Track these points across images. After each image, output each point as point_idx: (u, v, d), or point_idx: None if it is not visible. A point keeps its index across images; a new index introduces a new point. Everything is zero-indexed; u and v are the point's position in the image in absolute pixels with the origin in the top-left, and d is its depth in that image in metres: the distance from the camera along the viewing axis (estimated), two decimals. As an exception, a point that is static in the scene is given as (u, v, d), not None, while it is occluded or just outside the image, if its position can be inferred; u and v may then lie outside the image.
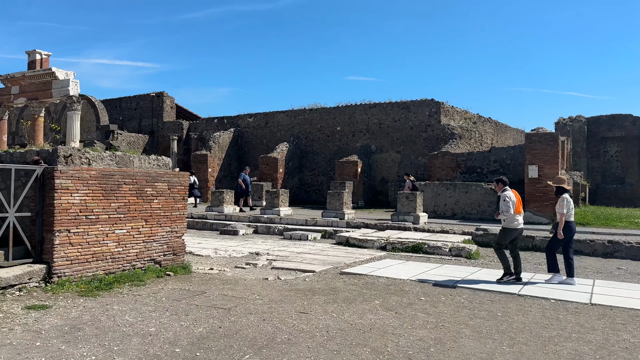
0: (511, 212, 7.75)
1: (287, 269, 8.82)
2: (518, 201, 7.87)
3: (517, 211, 7.81)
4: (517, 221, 7.87)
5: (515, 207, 7.78)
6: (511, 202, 7.76)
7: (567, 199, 7.84)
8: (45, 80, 21.10)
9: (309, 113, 27.36)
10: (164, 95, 33.69)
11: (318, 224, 15.26)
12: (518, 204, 7.86)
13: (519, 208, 7.85)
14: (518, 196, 7.95)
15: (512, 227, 7.89)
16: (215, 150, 27.66)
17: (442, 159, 21.52)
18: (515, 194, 7.93)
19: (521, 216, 7.92)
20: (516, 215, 7.81)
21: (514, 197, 7.85)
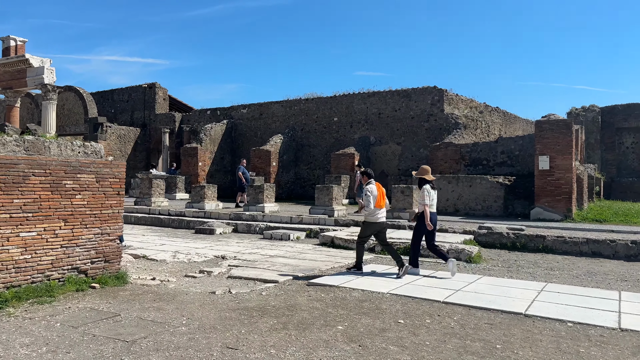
0: (371, 207, 7.64)
1: (246, 279, 7.32)
2: (380, 195, 7.80)
3: (378, 205, 7.72)
4: (377, 215, 7.76)
5: (377, 201, 7.69)
6: (372, 196, 7.66)
7: (428, 190, 7.80)
8: (20, 68, 19.81)
9: (304, 103, 25.81)
10: (156, 86, 32.29)
11: (304, 221, 13.74)
12: (380, 198, 7.77)
13: (381, 202, 7.78)
14: (382, 190, 7.89)
15: (372, 220, 7.77)
16: (207, 143, 26.22)
17: (445, 151, 19.88)
18: (379, 187, 7.87)
19: (382, 210, 7.86)
20: (377, 209, 7.72)
21: (376, 190, 7.77)
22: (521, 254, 10.55)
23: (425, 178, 8.01)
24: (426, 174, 8.06)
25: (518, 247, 11.07)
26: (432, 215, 7.89)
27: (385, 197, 7.94)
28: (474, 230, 11.72)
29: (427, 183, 7.97)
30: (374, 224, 7.84)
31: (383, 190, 7.97)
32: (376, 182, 8.00)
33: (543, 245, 10.96)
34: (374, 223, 7.84)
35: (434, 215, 7.93)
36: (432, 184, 8.03)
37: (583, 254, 10.50)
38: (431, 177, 8.09)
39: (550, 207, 14.76)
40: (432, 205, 7.86)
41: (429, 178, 8.03)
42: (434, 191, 7.99)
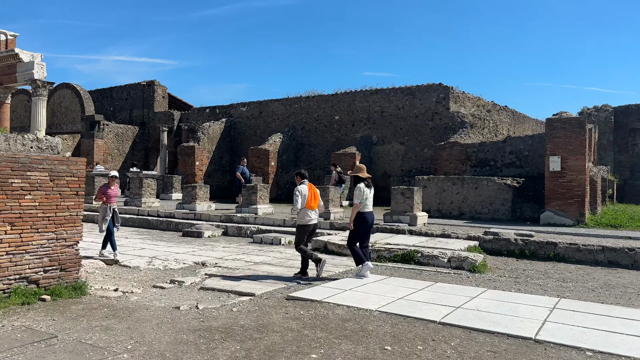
0: (299, 207, 7.44)
1: (220, 290, 6.52)
2: (312, 196, 7.58)
3: (308, 206, 7.50)
4: (308, 216, 7.55)
5: (307, 202, 7.46)
6: (301, 196, 7.45)
7: (361, 189, 7.56)
8: (10, 64, 19.09)
9: (305, 101, 25.01)
10: (155, 84, 31.64)
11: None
12: (311, 199, 7.55)
13: (311, 203, 7.55)
14: (314, 191, 7.69)
15: (304, 223, 7.56)
16: (204, 142, 25.49)
17: (450, 151, 19.01)
18: (312, 188, 7.65)
19: (314, 212, 7.64)
20: (308, 210, 7.51)
21: (307, 191, 7.53)
22: (530, 263, 9.69)
23: (360, 176, 7.73)
24: (360, 172, 7.79)
25: (527, 255, 10.20)
26: (369, 215, 7.62)
27: (317, 199, 7.73)
28: (479, 236, 10.85)
29: (362, 181, 7.68)
30: (306, 226, 7.61)
31: (316, 192, 7.80)
32: (309, 183, 7.77)
33: (554, 253, 10.07)
34: (306, 225, 7.61)
35: (369, 214, 7.64)
36: (367, 182, 7.72)
37: (598, 263, 9.61)
38: (366, 175, 7.77)
39: (562, 211, 13.85)
40: (365, 204, 7.59)
41: (363, 176, 7.74)
42: (368, 189, 7.68)
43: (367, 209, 7.59)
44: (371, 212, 7.66)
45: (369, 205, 7.63)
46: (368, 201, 7.62)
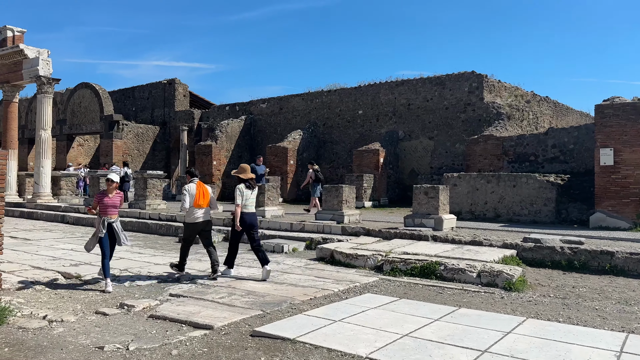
0: (186, 206, 7.38)
1: (173, 320, 5.07)
2: (199, 195, 7.46)
3: (196, 205, 7.43)
4: (195, 215, 7.43)
5: (195, 200, 7.42)
6: (189, 195, 7.40)
7: (241, 189, 7.51)
8: (16, 61, 18.44)
9: (327, 95, 23.48)
10: (175, 82, 30.79)
11: (306, 228, 11.43)
12: (199, 197, 7.45)
13: (199, 202, 7.45)
14: (202, 189, 7.55)
15: (190, 221, 7.49)
16: (223, 140, 24.32)
17: (484, 145, 17.10)
18: (200, 186, 7.55)
19: (201, 210, 7.50)
20: (195, 209, 7.42)
21: (195, 190, 7.47)
22: (581, 277, 7.88)
23: (241, 177, 7.65)
24: (243, 173, 7.72)
25: (576, 267, 8.37)
26: (248, 216, 7.51)
27: (206, 197, 7.54)
28: (517, 244, 9.06)
29: (243, 182, 7.58)
30: (193, 224, 7.45)
31: (205, 190, 7.60)
32: (198, 182, 7.64)
33: (611, 264, 8.21)
34: (193, 223, 7.46)
35: (249, 216, 7.54)
36: (249, 184, 7.62)
37: (670, 278, 7.70)
38: (248, 176, 7.69)
39: (615, 213, 11.83)
40: (246, 205, 7.53)
41: (244, 177, 7.65)
42: (249, 191, 7.60)
43: (246, 210, 7.51)
44: (252, 213, 7.60)
45: (250, 206, 7.59)
46: (249, 202, 7.57)
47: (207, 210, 7.58)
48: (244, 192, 7.51)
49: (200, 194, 7.45)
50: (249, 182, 7.63)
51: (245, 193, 7.50)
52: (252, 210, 7.60)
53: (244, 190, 7.50)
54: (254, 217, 7.61)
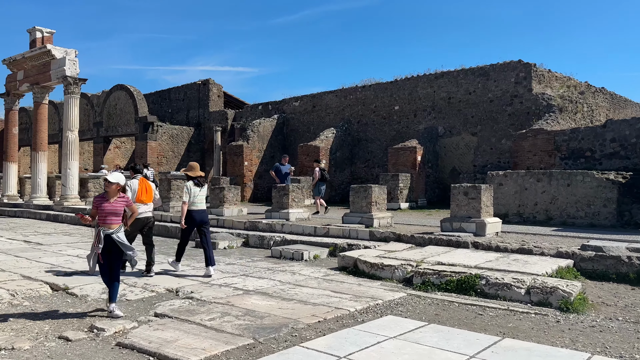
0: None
1: (141, 351, 4.13)
2: (141, 190, 7.61)
3: (139, 200, 7.48)
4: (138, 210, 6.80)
5: (137, 196, 7.51)
6: (130, 191, 7.40)
7: (188, 187, 7.56)
8: (45, 62, 18.31)
9: (361, 91, 22.33)
10: (209, 82, 30.40)
11: (330, 233, 10.36)
12: (141, 193, 7.59)
13: (141, 197, 7.57)
14: (146, 185, 7.70)
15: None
16: (254, 140, 23.61)
17: (534, 140, 15.53)
18: (142, 182, 7.69)
19: (145, 205, 7.59)
20: (138, 204, 7.22)
21: (137, 186, 7.61)
22: (656, 295, 6.44)
23: (189, 174, 7.72)
24: (191, 171, 7.76)
25: (649, 282, 6.92)
26: (197, 213, 7.61)
27: (149, 192, 7.71)
28: (574, 252, 7.67)
29: (191, 180, 7.64)
30: (137, 219, 7.19)
31: (148, 186, 7.77)
32: (141, 178, 7.81)
33: (694, 279, 6.72)
34: (136, 219, 7.08)
35: (198, 213, 7.62)
36: (197, 181, 7.68)
37: None
38: (197, 174, 7.72)
39: (692, 215, 10.14)
40: (194, 202, 7.58)
41: (192, 174, 7.70)
42: (198, 188, 7.63)
43: (195, 207, 7.57)
44: (200, 210, 7.65)
45: (198, 203, 7.62)
46: (197, 199, 7.60)
47: (150, 206, 7.74)
48: (192, 189, 7.54)
49: (142, 190, 7.61)
50: (198, 180, 7.67)
51: (193, 190, 7.54)
52: (201, 207, 7.68)
53: (191, 188, 7.54)
54: (203, 213, 7.72)
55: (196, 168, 7.83)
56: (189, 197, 7.53)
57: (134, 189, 7.57)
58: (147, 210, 7.66)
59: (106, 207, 5.35)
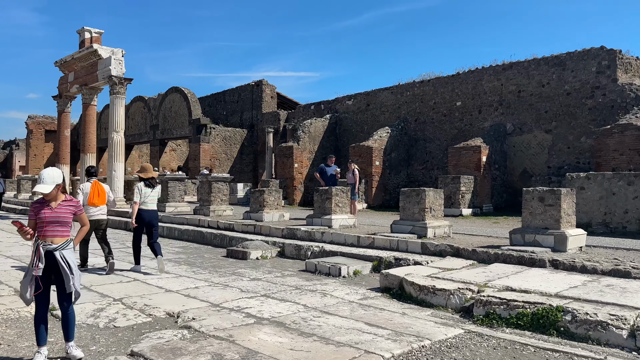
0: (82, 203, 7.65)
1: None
2: (93, 193, 7.94)
3: (90, 203, 7.88)
4: (89, 213, 7.71)
5: (89, 199, 7.89)
6: (82, 194, 7.93)
7: (140, 188, 7.86)
8: (92, 62, 18.11)
9: (419, 87, 20.66)
10: (263, 83, 29.75)
11: (375, 244, 8.94)
12: (93, 196, 7.92)
13: (93, 200, 7.92)
14: (99, 188, 8.02)
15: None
16: (305, 141, 22.52)
17: (621, 137, 13.32)
18: (95, 185, 8.02)
19: (95, 208, 7.94)
20: (89, 207, 7.86)
21: (89, 189, 7.97)
22: None
23: (141, 176, 8.03)
24: (143, 172, 8.08)
25: None
26: (147, 213, 7.84)
27: (101, 196, 8.01)
28: (693, 278, 5.81)
29: (142, 181, 7.94)
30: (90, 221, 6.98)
31: (100, 188, 8.06)
32: (95, 181, 8.11)
33: None
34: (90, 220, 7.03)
35: (148, 212, 7.85)
36: (148, 182, 7.92)
37: None
38: (148, 175, 7.99)
39: None
40: (144, 202, 7.84)
41: (144, 176, 7.99)
42: (149, 189, 7.90)
43: (145, 207, 7.82)
44: (151, 210, 7.90)
45: (149, 203, 7.87)
46: (148, 199, 7.86)
47: (103, 208, 8.04)
48: (142, 190, 7.82)
49: (94, 193, 7.94)
50: (149, 181, 7.94)
51: (144, 191, 7.82)
52: (151, 207, 7.91)
53: (142, 188, 7.83)
54: (153, 213, 7.96)
55: (149, 170, 8.13)
56: (140, 197, 7.80)
57: (86, 192, 7.92)
58: (99, 212, 8.01)
59: (47, 214, 4.08)
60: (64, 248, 4.12)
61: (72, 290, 4.09)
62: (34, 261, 4.00)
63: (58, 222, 4.15)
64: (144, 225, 7.84)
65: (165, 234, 12.90)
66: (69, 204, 4.26)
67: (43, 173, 4.17)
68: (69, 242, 4.21)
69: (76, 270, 4.18)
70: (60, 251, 4.08)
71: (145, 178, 7.96)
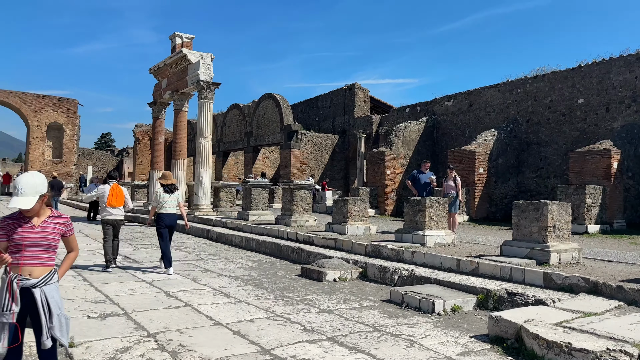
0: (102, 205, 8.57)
1: None
2: (112, 195, 8.50)
3: (108, 204, 8.47)
4: (107, 213, 8.51)
5: (107, 200, 8.45)
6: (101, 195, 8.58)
7: (159, 193, 8.40)
8: (183, 67, 18.04)
9: (531, 83, 18.10)
10: (355, 87, 28.54)
11: (480, 270, 7.12)
12: (111, 198, 8.48)
13: (112, 202, 8.47)
14: (116, 190, 8.58)
15: (103, 218, 8.58)
16: (398, 146, 20.83)
17: None
18: (114, 188, 8.57)
19: (113, 209, 8.54)
20: (108, 207, 8.49)
21: (108, 191, 8.52)
22: None
23: (161, 182, 8.67)
24: (163, 179, 8.76)
25: None
26: (167, 217, 8.33)
27: (119, 197, 8.57)
28: None
29: (162, 187, 8.48)
30: (105, 220, 8.50)
31: (119, 191, 8.62)
32: (115, 184, 8.68)
33: None
34: (104, 220, 8.52)
35: (167, 216, 8.33)
36: (167, 188, 8.43)
37: None
38: (168, 182, 8.56)
39: None
40: (163, 206, 8.31)
41: (164, 182, 8.58)
42: (167, 194, 8.37)
43: (164, 211, 8.32)
44: (170, 213, 8.37)
45: (168, 207, 8.33)
46: (167, 203, 8.32)
47: (120, 209, 8.65)
48: (161, 195, 8.36)
49: (113, 195, 8.51)
50: (168, 187, 8.46)
51: (162, 196, 8.34)
52: (170, 211, 8.38)
53: (161, 194, 8.36)
54: (173, 217, 8.45)
55: (168, 177, 8.81)
56: (158, 202, 8.35)
57: (105, 194, 8.49)
58: (117, 213, 8.63)
59: (26, 234, 2.98)
60: (47, 283, 3.03)
61: (50, 346, 2.97)
62: (5, 303, 2.91)
63: (42, 245, 3.05)
64: (165, 226, 8.34)
65: (244, 244, 12.02)
66: (57, 221, 3.17)
67: (20, 180, 3.06)
68: (54, 274, 3.12)
69: (61, 316, 3.06)
70: (42, 288, 2.99)
71: (165, 184, 8.56)
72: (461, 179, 16.81)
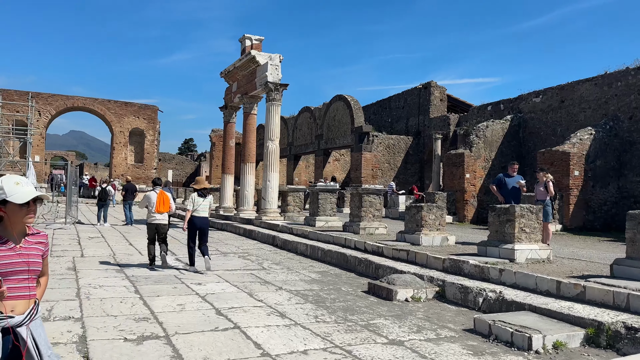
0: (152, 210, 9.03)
1: None
2: (159, 202, 9.02)
3: (156, 210, 8.99)
4: (153, 217, 9.04)
5: (155, 207, 8.98)
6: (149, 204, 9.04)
7: (193, 197, 8.85)
8: (251, 70, 17.78)
9: (634, 75, 15.93)
10: (431, 85, 27.09)
11: (587, 296, 5.80)
12: (159, 204, 9.00)
13: (159, 208, 9.01)
14: (163, 197, 9.10)
15: (148, 221, 9.12)
16: (479, 147, 19.24)
17: None
18: (161, 195, 9.09)
19: (160, 215, 9.05)
20: (153, 212, 9.01)
21: (155, 198, 9.05)
22: None
23: (195, 187, 9.04)
24: (196, 184, 9.07)
25: None
26: (198, 220, 8.79)
27: (165, 203, 9.08)
28: None
29: (196, 192, 8.90)
30: (150, 224, 9.05)
31: (165, 197, 9.12)
32: (160, 190, 9.25)
33: None
34: (150, 224, 9.06)
35: (199, 219, 8.79)
36: (201, 193, 8.85)
37: None
38: (201, 186, 8.94)
39: None
40: (197, 210, 8.76)
41: (197, 187, 8.96)
42: (201, 198, 8.80)
43: (197, 214, 8.76)
44: (202, 217, 8.82)
45: (200, 211, 8.78)
46: (200, 207, 8.78)
47: (165, 215, 9.18)
48: (195, 199, 8.79)
49: (160, 202, 9.03)
50: (201, 192, 8.86)
51: (196, 200, 8.78)
52: (202, 214, 8.83)
53: (195, 198, 8.80)
54: (204, 220, 8.89)
55: (202, 182, 9.09)
56: (193, 206, 8.76)
57: (152, 202, 8.98)
58: (162, 218, 9.12)
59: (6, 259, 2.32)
60: (32, 319, 2.39)
61: None
62: None
63: (25, 272, 2.39)
64: (196, 229, 8.77)
65: (309, 253, 11.29)
66: (38, 239, 2.51)
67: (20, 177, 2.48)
68: (37, 307, 2.45)
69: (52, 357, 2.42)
70: (27, 325, 2.35)
71: (199, 189, 8.91)
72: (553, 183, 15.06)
